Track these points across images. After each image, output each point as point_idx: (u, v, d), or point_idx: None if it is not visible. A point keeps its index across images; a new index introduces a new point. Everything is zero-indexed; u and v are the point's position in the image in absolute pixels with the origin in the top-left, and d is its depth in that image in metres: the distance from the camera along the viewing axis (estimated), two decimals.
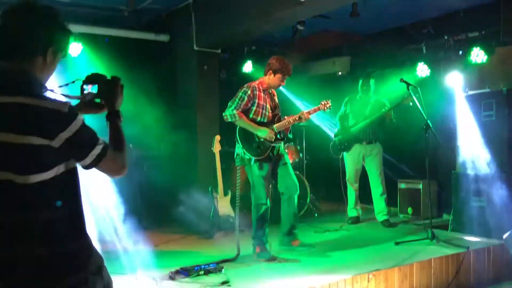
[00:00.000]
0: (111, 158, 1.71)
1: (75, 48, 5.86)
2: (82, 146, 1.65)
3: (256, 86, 4.61)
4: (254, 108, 4.57)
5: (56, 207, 1.62)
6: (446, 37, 6.63)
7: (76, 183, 1.71)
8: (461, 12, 6.45)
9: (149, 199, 6.35)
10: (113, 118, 1.85)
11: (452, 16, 6.56)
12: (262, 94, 4.62)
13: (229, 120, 4.54)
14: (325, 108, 4.87)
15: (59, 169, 1.62)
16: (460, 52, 6.50)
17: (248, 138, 4.58)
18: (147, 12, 6.53)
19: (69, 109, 1.61)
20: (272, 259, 4.48)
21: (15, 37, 1.67)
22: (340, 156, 6.43)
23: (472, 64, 6.29)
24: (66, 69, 5.19)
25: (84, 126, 1.65)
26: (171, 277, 3.90)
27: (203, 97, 6.46)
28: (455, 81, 6.42)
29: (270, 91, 4.78)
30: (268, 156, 4.62)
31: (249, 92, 4.53)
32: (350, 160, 6.29)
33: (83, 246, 1.71)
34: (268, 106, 4.65)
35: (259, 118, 4.61)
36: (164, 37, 6.86)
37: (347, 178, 6.35)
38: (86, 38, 6.03)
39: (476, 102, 5.68)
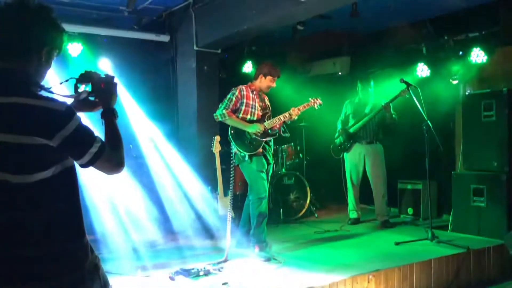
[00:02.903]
0: (107, 156, 1.71)
1: (75, 48, 5.84)
2: (79, 145, 1.66)
3: (244, 87, 4.86)
4: (243, 107, 4.79)
5: (54, 206, 1.63)
6: (446, 37, 6.62)
7: (74, 182, 1.71)
8: (461, 12, 6.44)
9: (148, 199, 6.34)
10: (109, 116, 1.85)
11: (452, 16, 6.55)
12: (250, 95, 4.84)
13: (220, 119, 4.80)
14: (315, 104, 4.94)
15: (56, 168, 1.63)
16: (460, 53, 6.49)
17: (240, 136, 4.77)
18: (147, 12, 6.51)
19: (66, 108, 1.62)
20: (270, 259, 4.47)
21: (9, 37, 1.66)
22: (341, 157, 6.43)
23: (472, 64, 6.29)
24: (66, 69, 5.18)
25: (81, 125, 1.65)
26: (171, 278, 3.90)
27: (203, 97, 6.45)
28: (455, 81, 6.41)
29: (260, 94, 4.95)
30: (262, 152, 4.77)
31: (236, 93, 4.78)
32: (351, 160, 6.28)
33: (80, 245, 1.70)
34: (257, 105, 4.85)
35: (248, 117, 4.81)
36: (164, 37, 6.84)
37: (348, 179, 6.35)
38: (86, 38, 6.02)
39: (476, 102, 5.67)
